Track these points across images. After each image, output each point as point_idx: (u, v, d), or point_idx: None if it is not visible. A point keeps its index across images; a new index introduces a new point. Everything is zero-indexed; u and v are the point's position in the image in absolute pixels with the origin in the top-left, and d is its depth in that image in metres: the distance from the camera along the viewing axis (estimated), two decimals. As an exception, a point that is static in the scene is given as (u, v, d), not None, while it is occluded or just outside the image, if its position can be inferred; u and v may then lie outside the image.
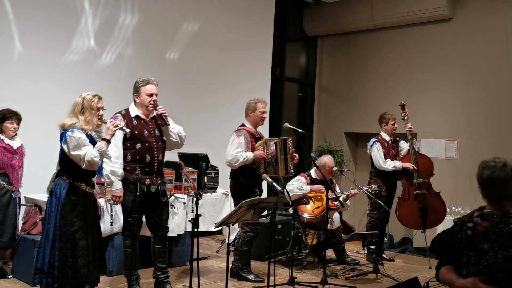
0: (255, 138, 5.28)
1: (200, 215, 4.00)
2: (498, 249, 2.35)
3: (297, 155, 5.43)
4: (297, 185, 5.88)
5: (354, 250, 6.83)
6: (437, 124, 7.99)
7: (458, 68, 7.85)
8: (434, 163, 6.38)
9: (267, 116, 5.48)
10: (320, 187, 5.86)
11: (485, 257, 2.37)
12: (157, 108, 4.41)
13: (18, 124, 4.97)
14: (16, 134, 5.00)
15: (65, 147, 3.78)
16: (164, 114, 4.42)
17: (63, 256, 3.75)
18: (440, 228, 6.57)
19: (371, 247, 6.24)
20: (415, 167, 6.16)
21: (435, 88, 8.07)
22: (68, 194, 3.81)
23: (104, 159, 4.04)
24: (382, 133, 6.35)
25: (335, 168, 6.24)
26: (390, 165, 6.15)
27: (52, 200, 3.83)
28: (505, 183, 2.43)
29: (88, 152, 3.74)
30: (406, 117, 6.34)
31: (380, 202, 5.84)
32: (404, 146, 6.44)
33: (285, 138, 5.38)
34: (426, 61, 8.17)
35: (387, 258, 6.51)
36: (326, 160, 6.04)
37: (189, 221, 4.03)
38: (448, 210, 6.64)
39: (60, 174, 3.90)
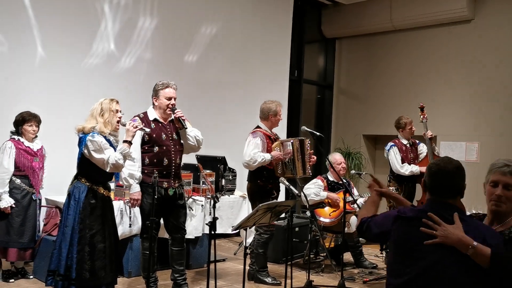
0: (271, 139, 5.29)
1: (217, 218, 4.01)
2: None
3: (315, 157, 5.42)
4: (314, 191, 5.86)
5: (372, 253, 6.78)
6: (457, 126, 7.90)
7: (478, 70, 7.75)
8: (453, 166, 6.30)
9: (284, 118, 5.50)
10: (337, 197, 5.83)
11: None
12: (175, 111, 4.45)
13: (38, 126, 5.04)
14: (36, 136, 5.09)
15: (85, 151, 3.83)
16: (182, 118, 4.45)
17: (81, 259, 3.80)
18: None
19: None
20: None
21: (455, 90, 7.98)
22: (87, 197, 3.86)
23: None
24: (400, 137, 6.29)
25: (353, 171, 6.22)
26: (407, 170, 6.07)
27: (70, 203, 3.87)
28: None
29: (112, 156, 3.79)
30: (425, 120, 6.26)
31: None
32: (423, 149, 6.35)
33: (302, 138, 5.37)
34: (446, 63, 8.09)
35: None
36: (334, 155, 6.09)
37: (207, 224, 4.05)
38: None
39: (79, 178, 3.95)
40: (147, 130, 4.22)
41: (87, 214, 3.85)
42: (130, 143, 3.94)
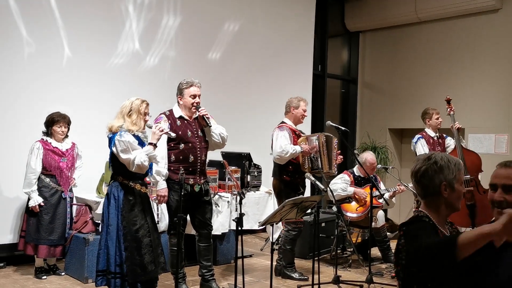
0: (296, 134, 5.28)
1: (243, 214, 4.03)
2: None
3: (341, 157, 5.38)
4: (341, 186, 5.82)
5: (400, 248, 6.71)
6: (486, 118, 7.74)
7: (506, 60, 7.58)
8: (483, 159, 6.18)
9: (308, 113, 5.48)
10: (364, 193, 5.77)
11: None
12: (200, 109, 4.48)
13: (67, 127, 5.14)
14: (67, 136, 5.18)
15: (114, 149, 3.89)
16: (206, 116, 4.48)
17: (130, 255, 3.87)
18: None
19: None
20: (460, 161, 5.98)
21: (483, 82, 7.82)
22: (126, 195, 3.94)
23: (150, 160, 4.14)
24: (426, 129, 6.21)
25: (379, 166, 6.16)
26: None
27: (110, 202, 3.94)
28: (426, 177, 2.11)
29: (138, 156, 3.85)
30: (452, 113, 6.16)
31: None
32: (451, 142, 6.26)
33: (330, 135, 5.33)
34: (473, 54, 7.93)
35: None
36: (367, 156, 5.96)
37: (233, 220, 4.07)
38: None
39: (115, 177, 4.02)
40: (173, 135, 4.25)
41: (127, 211, 3.92)
42: (155, 145, 3.99)
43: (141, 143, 3.98)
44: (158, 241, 4.12)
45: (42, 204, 4.95)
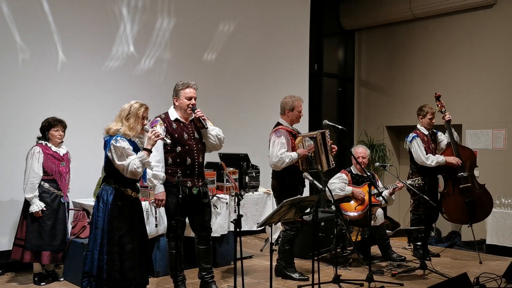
0: (293, 135, 5.25)
1: (242, 215, 4.02)
2: None
3: (335, 146, 5.36)
4: (339, 186, 5.80)
5: (400, 246, 6.72)
6: (483, 114, 7.74)
7: (502, 55, 7.58)
8: (481, 154, 6.19)
9: (306, 113, 5.46)
10: (362, 193, 5.75)
11: None
12: (195, 111, 4.46)
13: (64, 131, 5.12)
14: (62, 141, 5.16)
15: (109, 155, 3.87)
16: (202, 117, 4.46)
17: (111, 260, 3.85)
18: (489, 220, 6.37)
19: (417, 243, 6.12)
20: (459, 162, 5.95)
21: (480, 77, 7.82)
22: (114, 199, 3.91)
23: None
24: (419, 127, 6.16)
25: (377, 164, 6.15)
26: (433, 161, 5.95)
27: (99, 205, 3.93)
28: None
29: (131, 163, 3.82)
30: (443, 109, 6.14)
31: (425, 196, 5.66)
32: (442, 137, 6.24)
33: (323, 130, 5.31)
34: (469, 50, 7.93)
35: (432, 253, 6.34)
36: (356, 147, 6.07)
37: (232, 222, 4.06)
38: (497, 202, 6.42)
39: (106, 180, 4.00)
40: (168, 141, 4.22)
41: (114, 216, 3.89)
42: (149, 151, 3.96)
43: (137, 149, 3.95)
44: (144, 247, 4.08)
45: (44, 209, 4.93)
